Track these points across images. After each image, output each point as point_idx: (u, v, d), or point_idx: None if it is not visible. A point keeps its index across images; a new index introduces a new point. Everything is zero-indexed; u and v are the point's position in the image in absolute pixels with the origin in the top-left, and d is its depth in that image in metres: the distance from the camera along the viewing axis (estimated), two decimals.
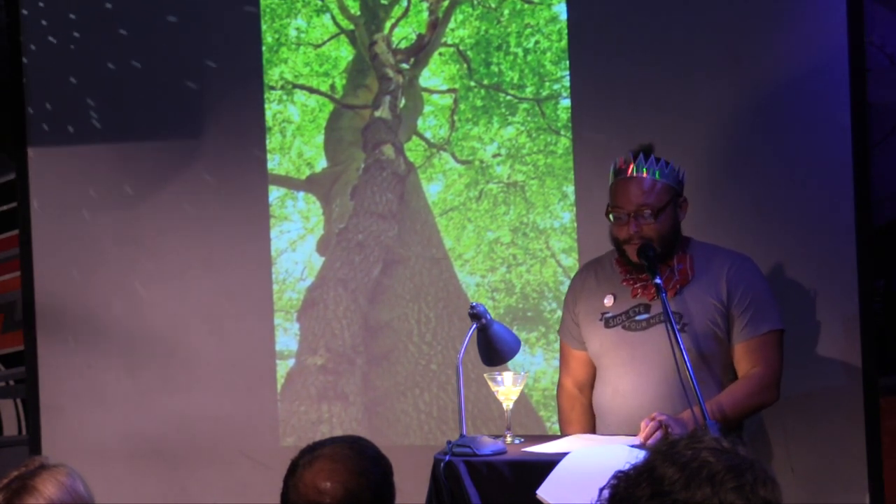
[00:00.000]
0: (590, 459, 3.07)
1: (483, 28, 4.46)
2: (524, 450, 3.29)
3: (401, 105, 4.56)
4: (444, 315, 4.51)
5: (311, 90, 4.62)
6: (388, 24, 4.56)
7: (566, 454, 3.12)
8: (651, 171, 3.47)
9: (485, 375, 3.50)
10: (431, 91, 4.53)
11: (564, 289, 4.35)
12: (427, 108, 4.53)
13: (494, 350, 3.46)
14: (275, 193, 4.66)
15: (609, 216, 3.53)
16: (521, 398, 4.18)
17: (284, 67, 4.63)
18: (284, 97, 4.63)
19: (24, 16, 4.79)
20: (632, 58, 4.30)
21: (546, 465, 3.09)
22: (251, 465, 4.64)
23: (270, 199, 4.66)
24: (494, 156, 4.46)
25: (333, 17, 4.60)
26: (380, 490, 2.38)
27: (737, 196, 4.23)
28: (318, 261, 4.63)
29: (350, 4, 4.59)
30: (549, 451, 3.23)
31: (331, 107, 4.62)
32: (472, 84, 4.48)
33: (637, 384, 3.49)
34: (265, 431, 4.64)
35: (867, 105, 4.15)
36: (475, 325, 3.43)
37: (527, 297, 4.43)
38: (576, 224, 4.38)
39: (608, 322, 3.55)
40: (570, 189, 4.39)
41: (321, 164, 4.63)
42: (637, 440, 3.22)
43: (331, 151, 4.63)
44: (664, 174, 3.48)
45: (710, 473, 1.84)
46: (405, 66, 4.55)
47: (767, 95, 4.21)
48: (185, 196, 4.71)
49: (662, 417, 3.21)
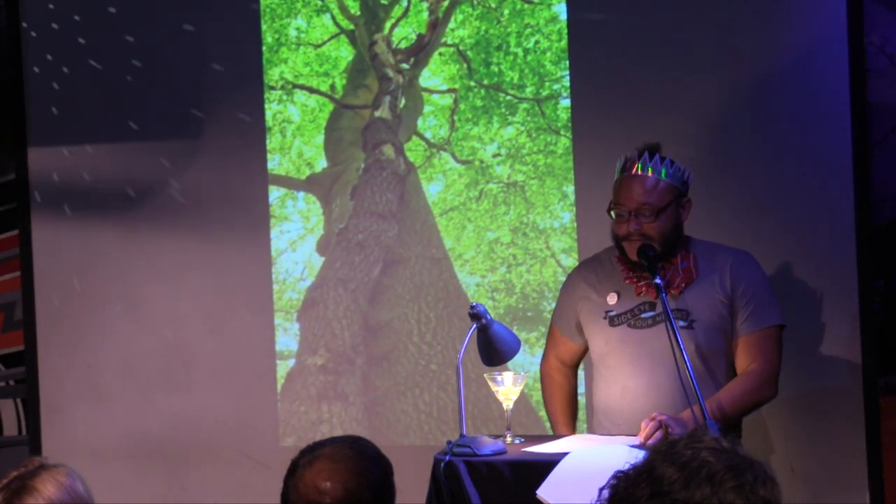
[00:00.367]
0: (590, 459, 3.07)
1: (483, 28, 4.46)
2: (524, 450, 3.29)
3: (401, 105, 4.56)
4: (444, 315, 4.51)
5: (311, 90, 4.62)
6: (388, 24, 4.56)
7: (566, 454, 3.12)
8: (656, 171, 3.47)
9: (485, 375, 3.50)
10: (431, 91, 4.53)
11: None
12: (427, 108, 4.53)
13: (494, 350, 3.46)
14: (275, 193, 4.66)
15: (611, 213, 3.53)
16: (521, 398, 4.18)
17: (284, 67, 4.63)
18: (284, 97, 4.63)
19: (25, 16, 4.79)
20: (632, 58, 4.30)
21: (546, 465, 3.09)
22: (251, 465, 4.64)
23: (270, 199, 4.66)
24: (494, 156, 4.46)
25: (333, 17, 4.60)
26: (380, 490, 2.38)
27: (737, 196, 4.22)
28: (318, 261, 4.63)
29: (350, 4, 4.59)
30: (549, 451, 3.23)
31: (331, 107, 4.61)
32: (472, 84, 4.48)
33: (648, 382, 3.48)
34: (265, 431, 4.64)
35: (867, 105, 4.15)
36: (475, 325, 3.43)
37: (527, 297, 4.43)
38: (576, 224, 4.38)
39: (613, 320, 3.55)
40: (570, 189, 4.39)
41: (321, 164, 4.63)
42: (637, 440, 3.22)
43: (331, 151, 4.63)
44: (668, 174, 3.47)
45: (710, 473, 1.84)
46: (405, 66, 4.55)
47: (767, 95, 4.21)
48: (185, 196, 4.71)
49: (662, 417, 3.22)
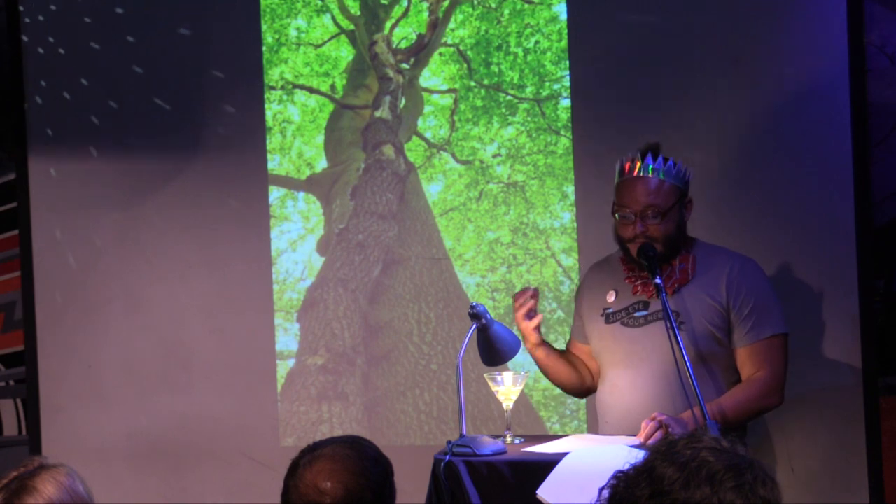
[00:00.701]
0: (590, 459, 3.07)
1: (483, 28, 4.46)
2: (524, 450, 3.29)
3: (401, 105, 4.56)
4: (444, 315, 4.51)
5: (312, 90, 4.62)
6: (389, 24, 4.56)
7: (566, 454, 3.12)
8: (658, 172, 3.45)
9: (485, 375, 3.50)
10: (431, 91, 4.53)
11: (565, 289, 4.37)
12: (427, 109, 4.53)
13: (494, 350, 3.46)
14: (275, 193, 4.66)
15: (615, 215, 3.52)
16: (521, 398, 4.18)
17: (284, 67, 4.63)
18: (284, 97, 4.63)
19: (24, 15, 4.79)
20: (632, 58, 4.30)
21: (546, 465, 3.09)
22: (251, 465, 4.64)
23: (271, 199, 4.66)
24: (494, 156, 4.46)
25: (333, 17, 4.60)
26: (380, 490, 2.39)
27: (737, 196, 4.22)
28: (319, 261, 4.63)
29: (350, 4, 4.59)
30: (549, 451, 3.23)
31: (331, 107, 4.61)
32: (473, 84, 4.48)
33: (633, 380, 3.48)
34: (265, 431, 4.64)
35: (867, 105, 4.15)
36: (475, 325, 3.43)
37: None
38: (576, 224, 4.38)
39: (608, 318, 3.55)
40: (570, 189, 4.39)
41: (321, 165, 4.63)
42: (637, 440, 3.22)
43: (331, 151, 4.63)
44: (671, 174, 3.45)
45: (710, 473, 1.84)
46: (405, 66, 4.55)
47: (767, 95, 4.20)
48: (186, 196, 4.71)
49: (662, 417, 3.21)
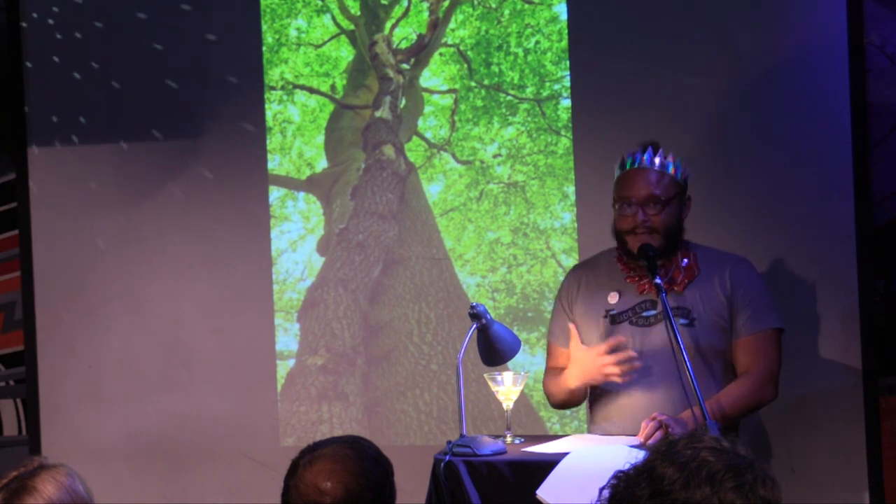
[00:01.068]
0: (590, 459, 3.07)
1: (483, 28, 4.46)
2: (524, 450, 3.29)
3: (401, 105, 4.56)
4: (445, 315, 4.51)
5: (312, 90, 4.62)
6: (389, 24, 4.56)
7: (566, 454, 3.12)
8: (660, 164, 3.49)
9: (485, 375, 3.50)
10: (432, 91, 4.53)
11: None
12: (427, 109, 4.53)
13: (494, 350, 3.46)
14: (275, 193, 4.66)
15: (615, 206, 3.52)
16: (521, 398, 4.19)
17: (285, 67, 4.63)
18: (285, 97, 4.63)
19: (25, 16, 4.80)
20: (632, 58, 4.30)
21: (546, 465, 3.09)
22: (251, 465, 4.64)
23: (271, 200, 4.66)
24: (495, 156, 4.46)
25: (333, 18, 4.60)
26: (380, 490, 2.39)
27: (737, 196, 4.23)
28: (319, 261, 4.63)
29: (350, 4, 4.59)
30: (549, 451, 3.23)
31: (331, 107, 4.61)
32: (473, 84, 4.48)
33: (648, 379, 3.48)
34: (265, 431, 4.65)
35: (867, 105, 4.15)
36: (475, 325, 3.43)
37: (527, 298, 4.43)
38: (576, 224, 4.38)
39: (614, 318, 3.54)
40: (571, 189, 4.39)
41: (321, 165, 4.63)
42: (637, 440, 3.22)
43: (331, 152, 4.63)
44: (672, 168, 3.50)
45: (710, 473, 1.84)
46: (405, 67, 4.55)
47: (767, 95, 4.21)
48: (186, 196, 4.71)
49: (662, 417, 3.22)
